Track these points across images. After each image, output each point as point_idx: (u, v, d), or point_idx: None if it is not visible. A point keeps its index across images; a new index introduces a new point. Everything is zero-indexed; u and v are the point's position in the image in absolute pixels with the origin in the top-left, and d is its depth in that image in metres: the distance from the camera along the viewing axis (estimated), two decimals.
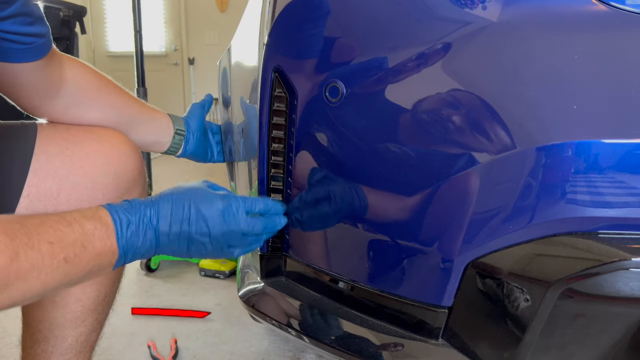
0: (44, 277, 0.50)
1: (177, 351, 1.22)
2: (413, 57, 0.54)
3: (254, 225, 0.63)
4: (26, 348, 0.78)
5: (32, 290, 0.50)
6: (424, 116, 0.54)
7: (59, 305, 0.75)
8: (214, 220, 0.61)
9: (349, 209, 0.61)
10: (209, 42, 5.10)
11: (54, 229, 0.52)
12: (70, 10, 2.30)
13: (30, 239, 0.49)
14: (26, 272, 0.48)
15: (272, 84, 0.64)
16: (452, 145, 0.52)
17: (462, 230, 0.53)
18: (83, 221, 0.55)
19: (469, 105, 0.51)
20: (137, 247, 0.59)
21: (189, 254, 0.63)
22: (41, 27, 0.63)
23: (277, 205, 0.66)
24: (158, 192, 0.64)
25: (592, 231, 0.49)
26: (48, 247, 0.50)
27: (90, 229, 0.55)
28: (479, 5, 0.51)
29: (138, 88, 2.14)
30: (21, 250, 0.48)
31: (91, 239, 0.55)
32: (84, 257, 0.54)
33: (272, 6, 0.64)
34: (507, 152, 0.49)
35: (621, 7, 0.47)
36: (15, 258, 0.47)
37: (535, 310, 0.49)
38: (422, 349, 0.57)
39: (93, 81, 0.77)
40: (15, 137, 0.70)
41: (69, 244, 0.52)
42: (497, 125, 0.50)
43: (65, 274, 0.52)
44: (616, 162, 0.47)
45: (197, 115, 0.92)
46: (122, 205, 0.60)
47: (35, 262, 0.49)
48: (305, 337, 0.65)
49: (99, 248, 0.55)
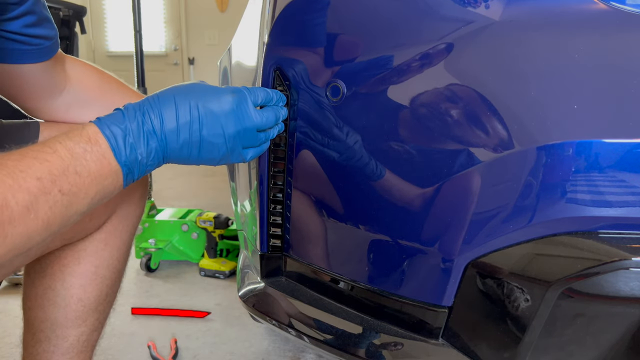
0: (43, 216, 0.45)
1: (177, 351, 1.22)
2: (413, 57, 0.54)
3: (267, 117, 0.58)
4: (27, 347, 0.78)
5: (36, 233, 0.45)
6: (425, 116, 0.54)
7: (60, 305, 0.75)
8: (227, 118, 0.54)
9: (349, 208, 0.61)
10: (209, 42, 5.10)
11: (40, 161, 0.46)
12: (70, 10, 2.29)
13: (15, 179, 0.43)
14: (21, 217, 0.43)
15: (272, 83, 0.64)
16: (452, 144, 0.52)
17: (462, 229, 0.53)
18: (70, 145, 0.48)
19: (470, 104, 0.51)
20: (142, 159, 0.52)
21: (200, 159, 0.57)
22: (49, 29, 0.63)
23: (277, 93, 0.60)
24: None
25: (592, 231, 0.49)
26: (37, 183, 0.45)
27: (80, 152, 0.48)
28: (480, 4, 0.51)
29: (138, 88, 2.14)
30: (8, 194, 0.42)
31: (84, 162, 0.48)
32: (82, 184, 0.48)
33: (272, 6, 0.64)
34: (508, 151, 0.49)
35: (621, 7, 0.47)
36: (5, 205, 0.42)
37: (536, 310, 0.49)
38: (422, 349, 0.57)
39: (96, 81, 0.77)
40: (18, 136, 0.70)
41: (60, 174, 0.46)
42: (498, 124, 0.50)
43: (66, 207, 0.47)
44: (616, 162, 0.47)
45: None
46: (113, 115, 0.52)
47: (28, 203, 0.43)
48: (305, 337, 0.65)
49: (96, 170, 0.49)
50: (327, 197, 0.63)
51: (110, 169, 0.50)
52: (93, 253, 0.75)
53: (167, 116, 0.53)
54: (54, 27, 0.64)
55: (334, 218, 0.63)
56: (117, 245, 0.78)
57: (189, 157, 0.56)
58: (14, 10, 0.57)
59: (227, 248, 1.75)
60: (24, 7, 0.58)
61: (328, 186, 0.62)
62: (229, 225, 1.72)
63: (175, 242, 1.78)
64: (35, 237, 0.45)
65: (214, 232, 1.71)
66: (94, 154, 0.49)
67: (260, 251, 0.71)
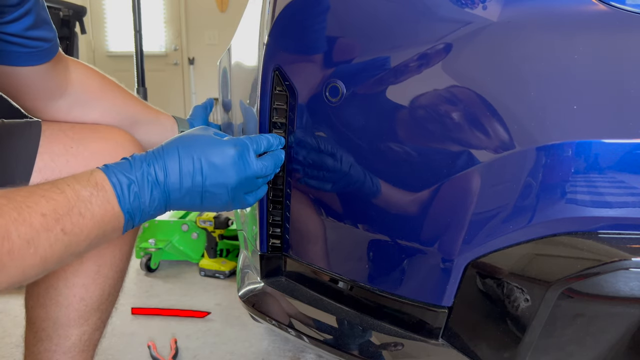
0: (42, 253, 0.45)
1: (177, 351, 1.22)
2: (413, 57, 0.54)
3: (267, 166, 0.60)
4: (29, 346, 0.78)
5: (32, 268, 0.45)
6: (424, 116, 0.54)
7: (62, 305, 0.75)
8: (228, 170, 0.57)
9: (348, 208, 0.61)
10: (209, 42, 5.10)
11: (46, 199, 0.47)
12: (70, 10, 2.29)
13: (20, 213, 0.44)
14: (21, 250, 0.43)
15: (272, 83, 0.64)
16: (452, 145, 0.52)
17: (462, 230, 0.53)
18: (77, 187, 0.50)
19: (469, 105, 0.51)
20: (144, 207, 0.54)
21: (203, 207, 0.59)
22: (47, 31, 0.63)
23: (277, 138, 0.63)
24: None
25: (592, 231, 0.49)
26: (41, 219, 0.45)
27: (86, 195, 0.50)
28: (479, 5, 0.51)
29: (138, 88, 2.14)
30: (11, 227, 0.43)
31: (89, 205, 0.50)
32: (84, 225, 0.49)
33: (272, 6, 0.64)
34: (507, 151, 0.49)
35: (621, 7, 0.47)
36: (7, 237, 0.42)
37: (535, 310, 0.49)
38: (422, 349, 0.57)
39: (97, 83, 0.77)
40: (20, 136, 0.70)
41: (64, 213, 0.47)
42: (497, 125, 0.50)
43: (66, 246, 0.48)
44: (616, 162, 0.47)
45: (200, 117, 0.93)
46: (120, 164, 0.55)
47: (30, 237, 0.44)
48: (305, 337, 0.65)
49: (100, 215, 0.50)
50: (326, 197, 0.63)
51: (113, 214, 0.52)
52: (95, 252, 0.75)
53: (170, 168, 0.55)
54: (53, 29, 0.64)
55: (333, 218, 0.63)
56: (119, 245, 0.78)
57: (191, 205, 0.58)
58: (13, 13, 0.57)
59: (227, 248, 1.75)
60: (23, 9, 0.58)
61: (327, 186, 0.62)
62: (229, 225, 1.72)
63: (175, 242, 1.78)
64: (30, 272, 0.46)
65: (214, 232, 1.71)
66: (99, 198, 0.51)
67: (260, 251, 0.71)
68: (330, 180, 0.62)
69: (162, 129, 0.86)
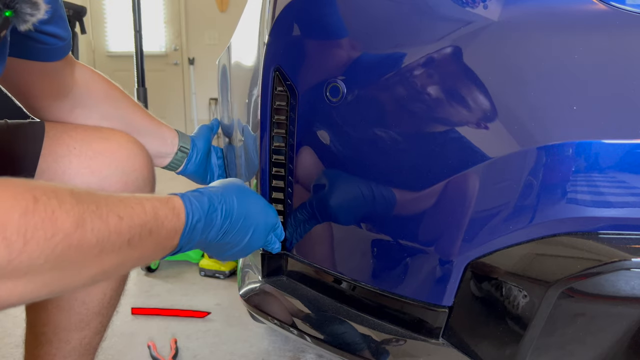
0: (104, 257, 0.42)
1: (177, 351, 1.22)
2: (414, 57, 0.54)
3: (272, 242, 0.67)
4: (29, 349, 0.78)
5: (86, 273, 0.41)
6: (425, 116, 0.54)
7: (63, 309, 0.75)
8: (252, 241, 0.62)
9: (349, 208, 0.61)
10: (209, 42, 5.10)
11: (125, 204, 0.44)
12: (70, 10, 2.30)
13: (98, 207, 0.40)
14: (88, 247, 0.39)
15: (272, 83, 0.64)
16: (453, 145, 0.52)
17: (462, 230, 0.53)
18: (157, 205, 0.48)
19: (470, 105, 0.51)
20: (191, 245, 0.53)
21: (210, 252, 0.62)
22: (63, 29, 0.64)
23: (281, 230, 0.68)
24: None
25: (592, 231, 0.49)
26: (117, 221, 0.42)
27: (162, 215, 0.48)
28: (479, 4, 0.51)
29: (138, 88, 2.14)
30: (88, 217, 0.39)
31: (160, 227, 0.48)
32: (147, 243, 0.47)
33: (272, 5, 0.64)
34: (508, 152, 0.49)
35: (621, 7, 0.47)
36: (81, 224, 0.38)
37: (536, 310, 0.49)
38: (422, 349, 0.57)
39: (102, 87, 0.78)
40: (23, 137, 0.70)
41: (138, 224, 0.45)
42: (498, 125, 0.50)
43: (122, 260, 0.44)
44: (616, 162, 0.47)
45: (204, 137, 0.93)
46: (197, 197, 0.54)
47: (101, 236, 0.40)
48: (307, 336, 0.65)
49: (164, 240, 0.49)
50: (327, 197, 0.63)
51: (172, 244, 0.51)
52: None
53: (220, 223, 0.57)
54: (68, 29, 0.65)
55: (334, 218, 0.63)
56: None
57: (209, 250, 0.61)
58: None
59: None
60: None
61: (329, 186, 0.62)
62: None
63: None
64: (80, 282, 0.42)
65: None
66: (172, 223, 0.50)
67: (262, 250, 0.71)
68: (331, 180, 0.62)
69: (162, 141, 0.86)
